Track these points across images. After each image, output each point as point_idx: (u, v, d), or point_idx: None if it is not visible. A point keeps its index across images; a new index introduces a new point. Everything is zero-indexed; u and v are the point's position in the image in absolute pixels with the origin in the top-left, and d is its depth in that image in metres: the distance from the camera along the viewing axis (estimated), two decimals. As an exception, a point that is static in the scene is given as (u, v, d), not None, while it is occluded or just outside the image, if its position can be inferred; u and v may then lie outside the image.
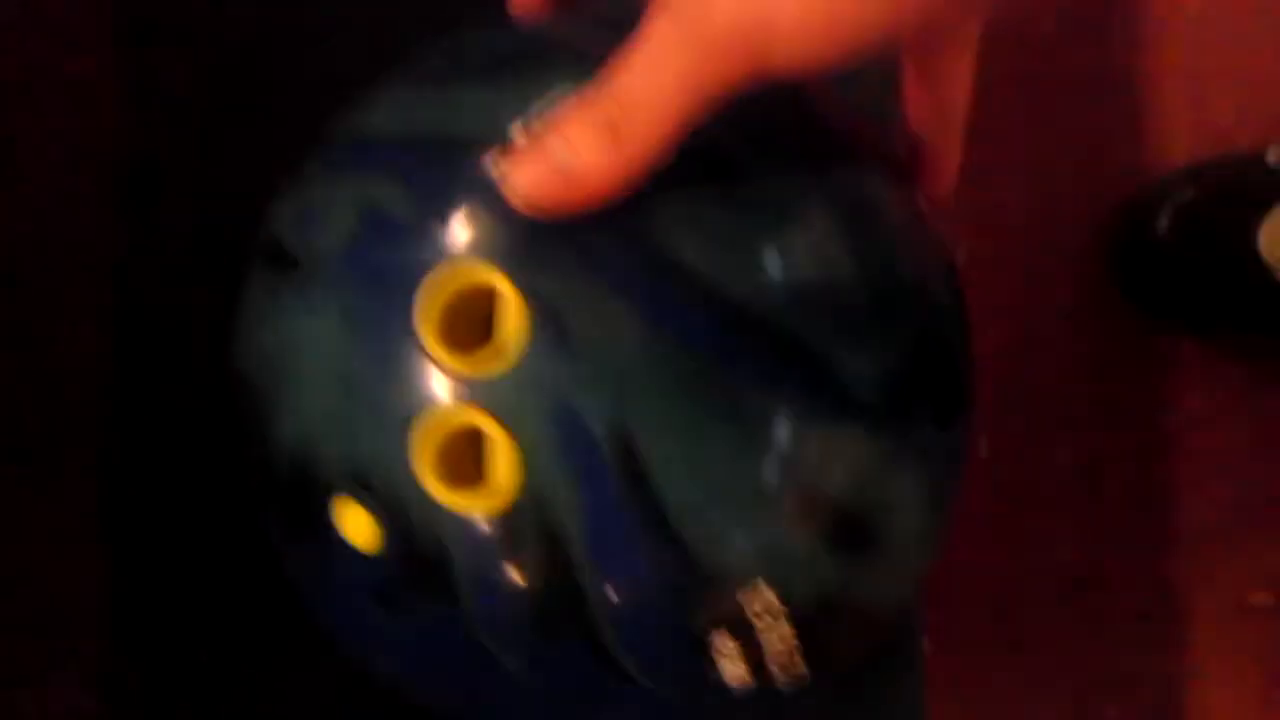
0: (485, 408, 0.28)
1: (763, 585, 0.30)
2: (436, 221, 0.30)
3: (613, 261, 0.29)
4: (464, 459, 0.29)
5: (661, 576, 0.29)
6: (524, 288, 0.28)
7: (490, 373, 0.28)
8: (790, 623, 0.31)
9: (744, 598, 0.30)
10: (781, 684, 0.32)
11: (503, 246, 0.29)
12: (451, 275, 0.29)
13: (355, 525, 0.30)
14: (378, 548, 0.30)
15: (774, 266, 0.30)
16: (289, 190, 0.35)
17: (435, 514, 0.29)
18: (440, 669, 0.33)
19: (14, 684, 0.47)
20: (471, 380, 0.29)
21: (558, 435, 0.28)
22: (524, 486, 0.29)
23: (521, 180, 0.28)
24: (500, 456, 0.29)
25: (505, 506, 0.29)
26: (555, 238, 0.29)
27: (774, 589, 0.30)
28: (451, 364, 0.29)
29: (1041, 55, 0.66)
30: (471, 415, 0.29)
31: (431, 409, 0.29)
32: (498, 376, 0.28)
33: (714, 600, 0.30)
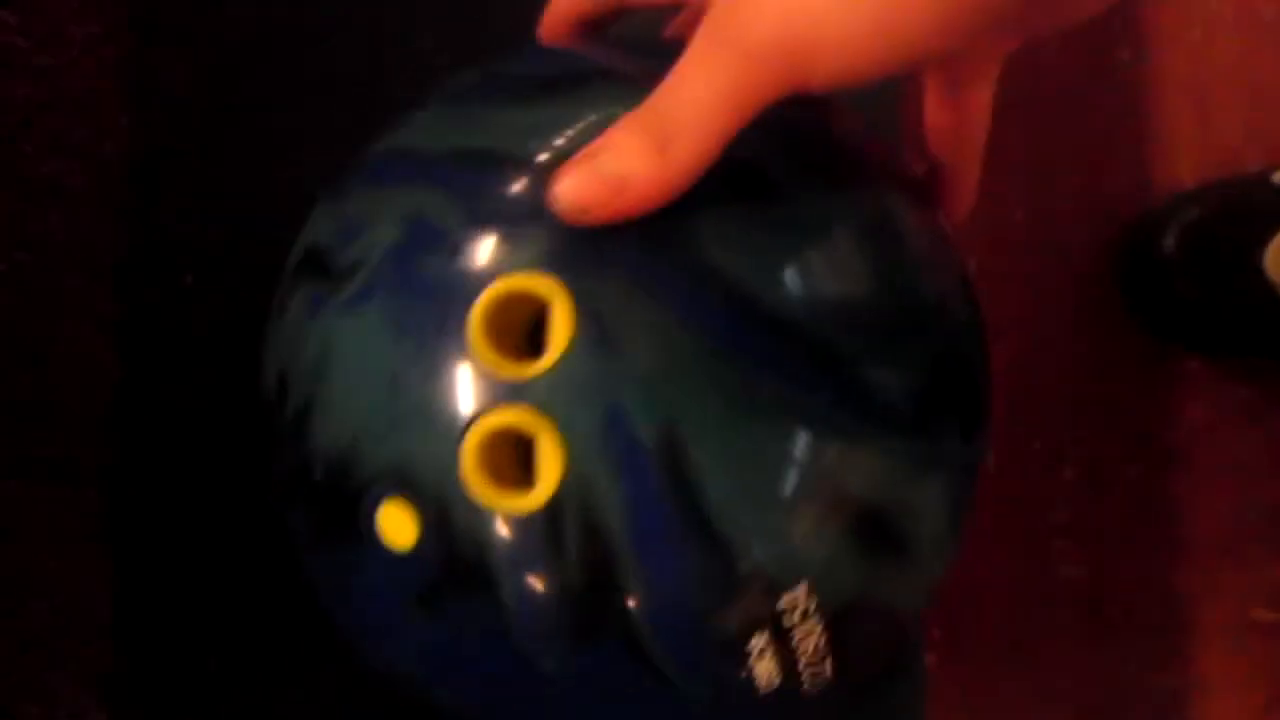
0: (532, 406, 0.29)
1: (802, 587, 0.30)
2: (483, 229, 0.30)
3: (656, 267, 0.30)
4: (508, 461, 0.30)
5: (703, 576, 0.30)
6: (571, 291, 0.29)
7: (537, 373, 0.29)
8: (823, 625, 0.31)
9: (783, 599, 0.30)
10: (808, 687, 0.32)
11: (550, 252, 0.30)
12: (499, 279, 0.29)
13: (396, 526, 0.31)
14: (418, 548, 0.30)
15: (808, 277, 0.31)
16: (326, 204, 0.35)
17: (478, 514, 0.29)
18: (473, 672, 0.33)
19: (21, 692, 0.47)
20: (518, 381, 0.29)
21: (603, 434, 0.29)
22: (568, 485, 0.29)
23: (570, 187, 0.29)
24: (545, 455, 0.29)
25: (549, 506, 0.29)
26: (601, 244, 0.29)
27: (811, 591, 0.30)
28: (499, 365, 0.29)
29: (1048, 74, 0.66)
30: (518, 415, 0.29)
31: (478, 409, 0.29)
32: (545, 377, 0.29)
33: (753, 601, 0.30)
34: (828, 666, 0.32)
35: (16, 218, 0.48)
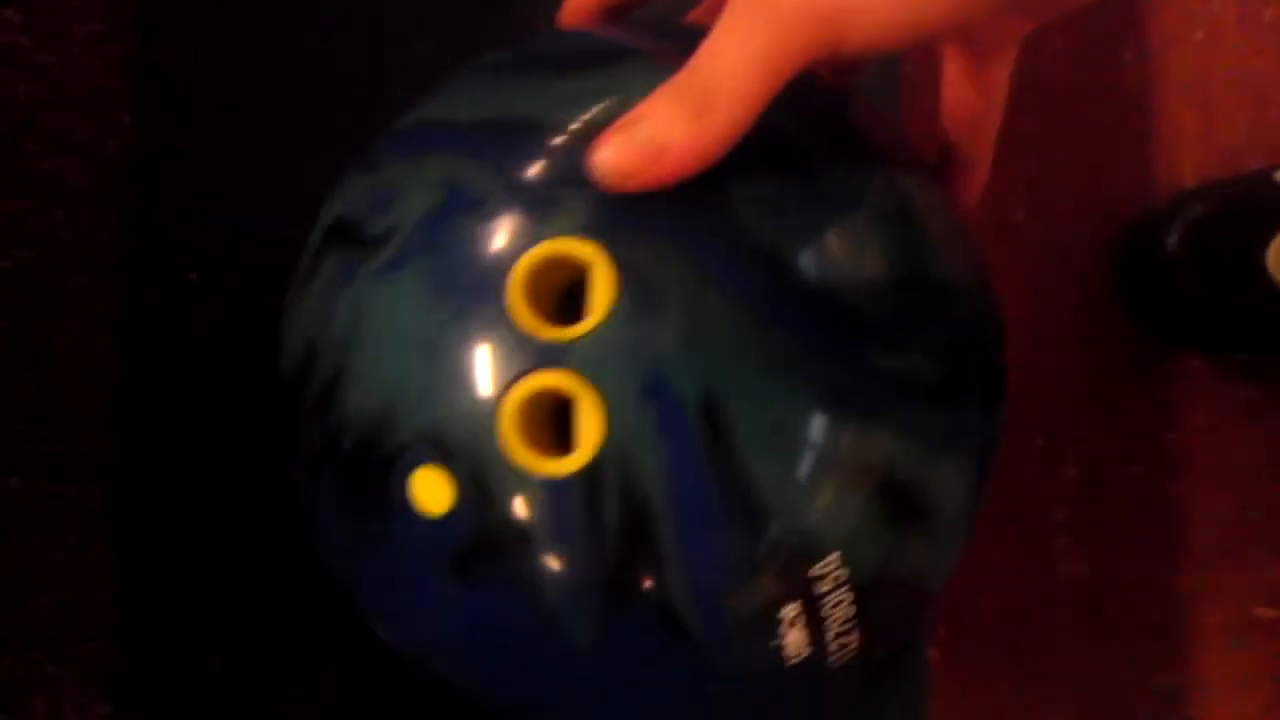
0: (573, 369, 0.29)
1: (834, 556, 0.30)
2: (520, 195, 0.30)
3: (694, 233, 0.30)
4: (546, 426, 0.30)
5: (740, 542, 0.30)
6: (612, 255, 0.29)
7: (578, 336, 0.29)
8: (853, 596, 0.31)
9: (815, 568, 0.30)
10: (834, 658, 0.32)
11: (589, 218, 0.30)
12: (539, 244, 0.30)
13: (430, 492, 0.30)
14: (452, 513, 0.30)
15: (839, 248, 0.31)
16: (355, 175, 0.35)
17: (516, 477, 0.29)
18: (503, 640, 0.32)
19: (25, 690, 0.47)
20: (559, 344, 0.29)
21: (644, 398, 0.29)
22: (607, 449, 0.29)
23: (609, 154, 0.29)
24: (586, 418, 0.29)
25: (587, 469, 0.29)
26: (639, 210, 0.30)
27: (843, 561, 0.31)
28: (539, 328, 0.29)
29: (1052, 70, 0.65)
30: (558, 377, 0.29)
31: (518, 371, 0.29)
32: (586, 340, 0.29)
33: (787, 569, 0.30)
34: (855, 638, 0.32)
35: (18, 215, 0.48)
